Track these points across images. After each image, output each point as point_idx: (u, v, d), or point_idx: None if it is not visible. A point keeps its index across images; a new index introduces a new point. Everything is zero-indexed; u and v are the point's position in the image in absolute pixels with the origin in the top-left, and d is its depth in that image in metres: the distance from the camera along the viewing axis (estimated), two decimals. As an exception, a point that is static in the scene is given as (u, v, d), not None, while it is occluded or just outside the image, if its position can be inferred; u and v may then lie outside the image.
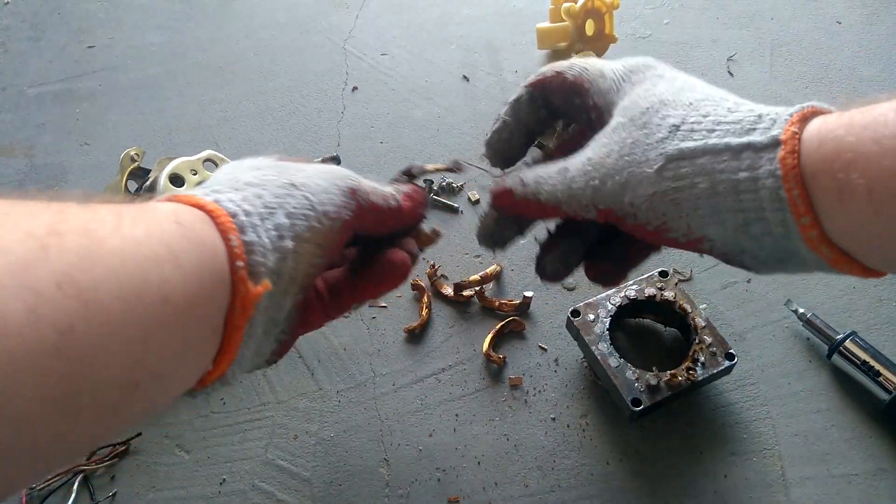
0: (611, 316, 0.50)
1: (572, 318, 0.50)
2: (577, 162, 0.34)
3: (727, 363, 0.47)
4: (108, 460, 0.49)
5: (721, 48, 0.77)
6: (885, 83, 0.71)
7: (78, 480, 0.48)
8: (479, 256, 0.60)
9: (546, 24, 0.74)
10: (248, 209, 0.29)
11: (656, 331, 0.54)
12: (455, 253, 0.60)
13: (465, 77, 0.76)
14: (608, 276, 0.39)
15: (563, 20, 0.72)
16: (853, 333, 0.49)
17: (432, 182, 0.65)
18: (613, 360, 0.48)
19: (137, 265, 0.23)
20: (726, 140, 0.29)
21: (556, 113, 0.39)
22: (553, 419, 0.50)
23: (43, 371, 0.20)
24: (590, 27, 0.72)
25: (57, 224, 0.22)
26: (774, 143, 0.28)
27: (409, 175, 0.41)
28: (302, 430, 0.50)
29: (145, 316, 0.23)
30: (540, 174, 0.36)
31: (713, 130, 0.30)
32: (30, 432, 0.20)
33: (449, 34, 0.81)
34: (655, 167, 0.31)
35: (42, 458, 0.22)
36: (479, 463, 0.48)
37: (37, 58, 0.83)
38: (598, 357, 0.48)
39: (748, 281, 0.56)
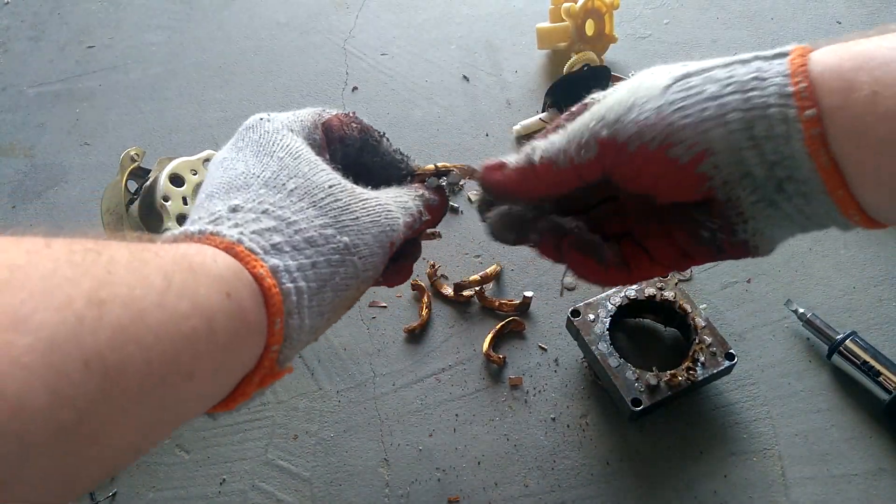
0: (611, 316, 0.50)
1: (572, 318, 0.50)
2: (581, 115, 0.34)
3: (727, 363, 0.47)
4: (108, 460, 0.49)
5: (721, 48, 0.77)
6: (885, 83, 0.71)
7: (78, 480, 0.48)
8: (479, 256, 0.60)
9: (546, 24, 0.74)
10: (302, 287, 0.29)
11: (656, 331, 0.54)
12: (455, 253, 0.60)
13: (465, 77, 0.76)
14: (586, 250, 0.36)
15: (563, 20, 0.72)
16: (853, 333, 0.49)
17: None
18: (613, 360, 0.48)
19: (172, 344, 0.23)
20: (737, 57, 0.30)
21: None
22: (553, 419, 0.50)
23: (54, 453, 0.20)
24: (590, 27, 0.72)
25: (100, 290, 0.21)
26: (784, 53, 0.28)
27: (438, 174, 0.40)
28: (302, 430, 0.50)
29: (167, 395, 0.24)
30: (538, 141, 0.35)
31: (724, 58, 0.30)
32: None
33: (449, 34, 0.81)
34: (663, 86, 0.30)
35: None
36: (479, 463, 0.48)
37: (37, 58, 0.83)
38: (598, 357, 0.48)
39: (748, 281, 0.56)
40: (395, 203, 0.36)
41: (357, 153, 0.40)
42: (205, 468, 0.49)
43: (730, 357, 0.48)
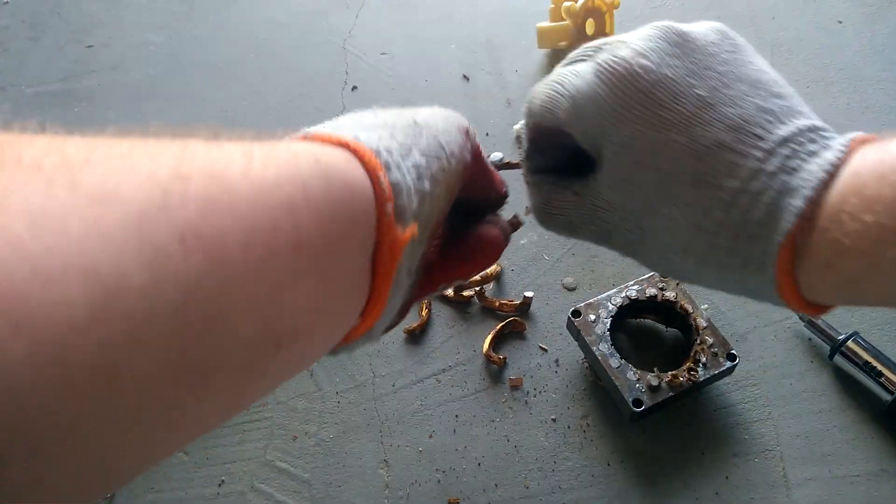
0: (612, 316, 0.50)
1: (573, 319, 0.50)
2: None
3: (729, 364, 0.47)
4: (106, 461, 0.48)
5: (722, 48, 0.76)
6: (886, 83, 0.71)
7: (76, 481, 0.47)
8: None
9: (546, 24, 0.74)
10: (389, 146, 0.27)
11: (657, 331, 0.53)
12: (455, 253, 0.60)
13: (465, 77, 0.76)
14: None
15: (563, 19, 0.72)
16: (855, 334, 0.49)
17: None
18: (614, 361, 0.47)
19: (268, 212, 0.21)
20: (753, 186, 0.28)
21: None
22: (554, 420, 0.50)
23: (167, 334, 0.18)
24: (590, 26, 0.72)
25: (181, 166, 0.19)
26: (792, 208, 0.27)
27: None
28: (301, 430, 0.50)
29: (277, 268, 0.21)
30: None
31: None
32: (155, 403, 0.18)
33: (449, 34, 0.81)
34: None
35: (172, 433, 0.20)
36: (479, 464, 0.48)
37: (36, 57, 0.83)
38: (599, 358, 0.48)
39: (749, 281, 0.56)
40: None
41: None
42: (203, 469, 0.48)
43: (731, 358, 0.47)
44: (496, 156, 0.38)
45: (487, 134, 0.69)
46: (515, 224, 0.39)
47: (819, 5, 0.81)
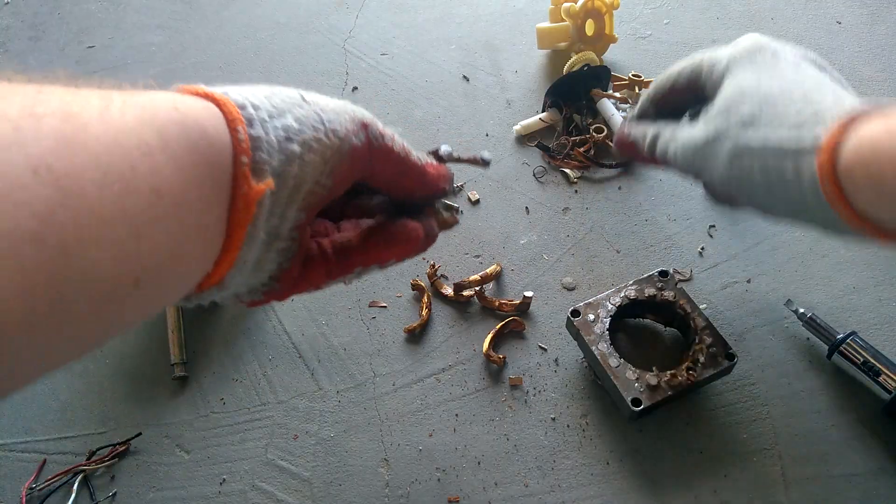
0: (611, 316, 0.50)
1: (572, 318, 0.50)
2: (686, 135, 0.42)
3: (727, 363, 0.47)
4: (108, 460, 0.49)
5: (721, 48, 0.77)
6: (885, 83, 0.71)
7: (78, 480, 0.48)
8: (479, 256, 0.60)
9: (546, 24, 0.74)
10: (257, 104, 0.28)
11: (656, 331, 0.54)
12: (455, 253, 0.60)
13: (465, 77, 0.76)
14: None
15: (562, 20, 0.72)
16: (853, 333, 0.49)
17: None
18: (613, 360, 0.48)
19: (124, 154, 0.21)
20: (778, 138, 0.35)
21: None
22: (553, 419, 0.50)
23: (23, 259, 0.18)
24: (590, 27, 0.72)
25: (34, 107, 0.20)
26: (816, 149, 0.33)
27: (436, 157, 0.39)
28: (302, 430, 0.50)
29: (135, 207, 0.22)
30: (676, 132, 0.43)
31: (773, 124, 0.36)
32: (15, 326, 0.19)
33: (449, 34, 0.81)
34: (725, 160, 0.38)
35: (31, 361, 0.21)
36: (479, 463, 0.48)
37: (37, 58, 0.83)
38: (598, 357, 0.48)
39: (748, 281, 0.56)
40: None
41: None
42: (205, 468, 0.49)
43: (730, 357, 0.48)
44: (445, 148, 0.39)
45: (487, 134, 0.70)
46: (444, 222, 0.40)
47: (818, 5, 0.81)
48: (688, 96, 0.45)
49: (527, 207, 0.63)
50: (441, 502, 0.46)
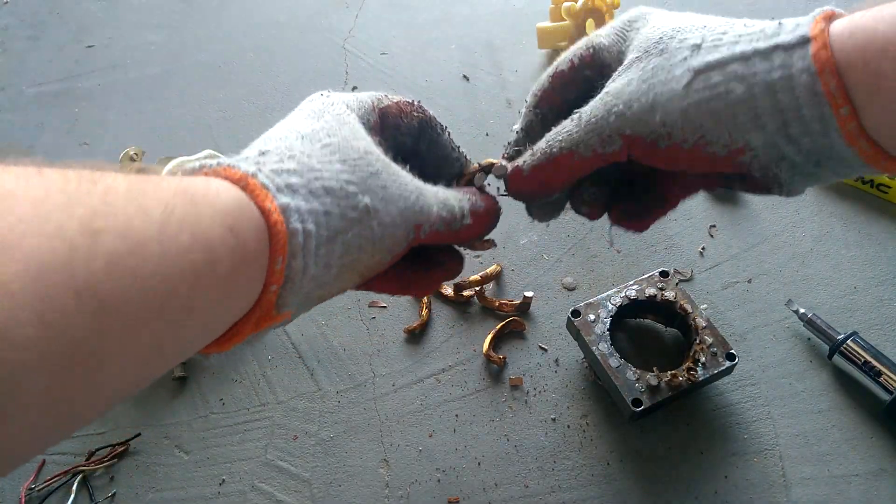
0: (611, 316, 0.50)
1: (573, 319, 0.50)
2: (591, 103, 0.33)
3: (728, 363, 0.47)
4: (107, 461, 0.48)
5: (721, 48, 0.76)
6: (885, 83, 0.71)
7: (77, 481, 0.48)
8: (478, 256, 0.60)
9: (546, 24, 0.74)
10: (310, 230, 0.28)
11: (657, 331, 0.54)
12: (455, 253, 0.60)
13: (465, 77, 0.76)
14: (632, 215, 0.36)
15: (563, 19, 0.72)
16: (854, 333, 0.49)
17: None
18: (614, 361, 0.47)
19: (171, 278, 0.22)
20: (753, 45, 0.29)
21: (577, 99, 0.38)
22: (553, 420, 0.50)
23: (48, 383, 0.19)
24: (590, 26, 0.72)
25: (94, 220, 0.20)
26: (804, 41, 0.28)
27: (483, 170, 0.38)
28: (301, 430, 0.50)
29: (165, 329, 0.23)
30: (548, 135, 0.35)
31: (737, 42, 0.30)
32: (30, 443, 0.20)
33: (449, 34, 0.81)
34: (684, 82, 0.30)
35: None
36: (479, 463, 0.48)
37: (36, 57, 0.83)
38: (599, 357, 0.48)
39: (749, 281, 0.56)
40: (434, 193, 0.35)
41: (414, 143, 0.39)
42: (204, 469, 0.49)
43: (731, 357, 0.47)
44: (498, 168, 0.38)
45: (487, 134, 0.69)
46: (481, 247, 0.39)
47: (819, 5, 0.81)
48: (580, 86, 0.37)
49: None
50: (441, 503, 0.46)
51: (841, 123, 0.27)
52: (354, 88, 0.75)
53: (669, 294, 0.51)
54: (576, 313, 0.50)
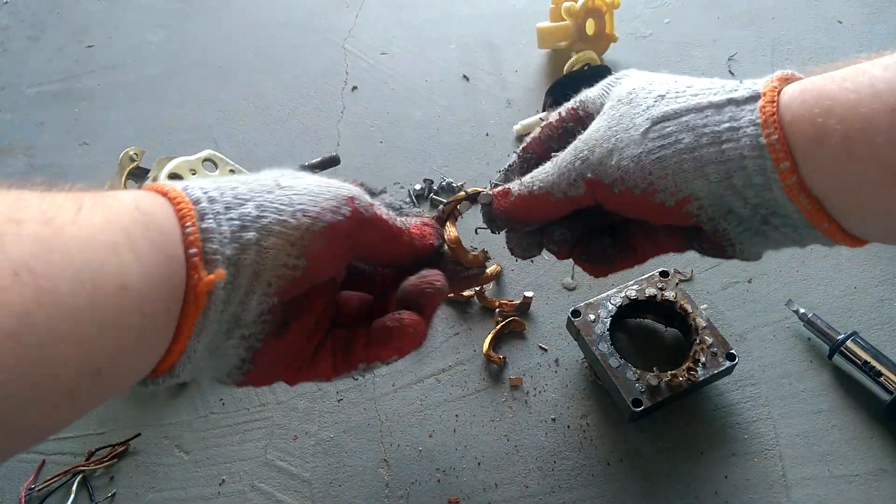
0: (611, 316, 0.50)
1: (573, 319, 0.50)
2: (567, 148, 0.35)
3: (728, 363, 0.47)
4: (107, 461, 0.48)
5: (722, 47, 0.76)
6: (885, 83, 0.71)
7: (77, 481, 0.48)
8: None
9: (546, 24, 0.74)
10: (215, 196, 0.29)
11: (657, 331, 0.54)
12: (455, 253, 0.60)
13: (465, 77, 0.76)
14: (592, 258, 0.38)
15: (563, 19, 0.72)
16: (854, 334, 0.49)
17: (432, 182, 0.65)
18: (614, 361, 0.47)
19: (95, 253, 0.24)
20: (709, 99, 0.30)
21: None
22: (553, 420, 0.50)
23: (3, 354, 0.20)
24: (590, 26, 0.72)
25: (14, 212, 0.22)
26: (755, 96, 0.29)
27: (472, 199, 0.40)
28: (301, 430, 0.50)
29: (103, 303, 0.23)
30: (531, 172, 0.37)
31: (696, 95, 0.31)
32: None
33: (449, 34, 0.81)
34: (642, 130, 0.31)
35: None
36: (479, 464, 0.48)
37: (36, 57, 0.83)
38: (599, 357, 0.48)
39: (749, 281, 0.56)
40: (378, 199, 0.36)
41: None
42: (204, 469, 0.49)
43: (731, 357, 0.47)
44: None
45: (487, 134, 0.69)
46: (475, 261, 0.40)
47: (819, 5, 0.81)
48: (567, 137, 0.38)
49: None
50: (441, 503, 0.46)
51: (781, 177, 0.28)
52: (354, 88, 0.75)
53: (669, 294, 0.51)
54: (576, 313, 0.50)
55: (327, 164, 0.50)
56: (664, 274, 0.52)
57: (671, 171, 0.30)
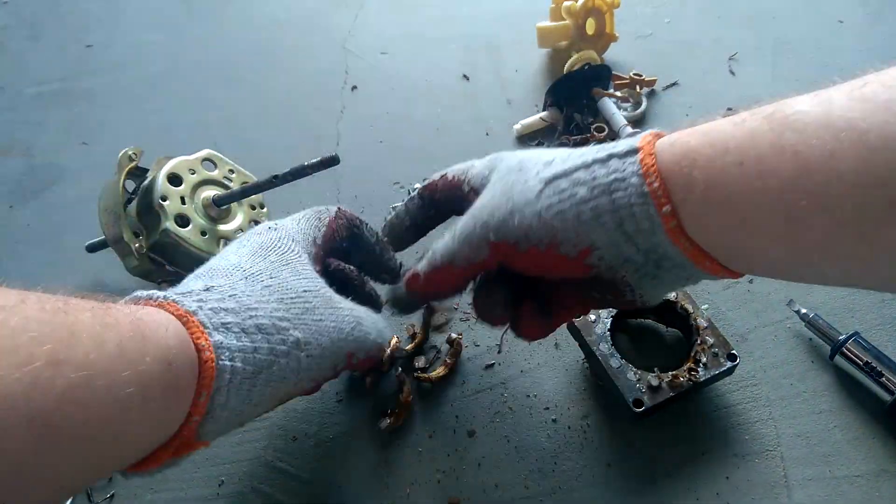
0: (612, 316, 0.50)
1: (573, 319, 0.50)
2: (462, 218, 0.38)
3: (729, 364, 0.47)
4: (105, 462, 0.48)
5: (722, 47, 0.76)
6: (887, 82, 0.71)
7: (75, 482, 0.47)
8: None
9: (546, 23, 0.74)
10: (238, 367, 0.32)
11: (657, 331, 0.53)
12: (455, 253, 0.60)
13: (465, 77, 0.76)
14: (528, 324, 0.41)
15: (563, 19, 0.72)
16: (856, 334, 0.49)
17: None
18: (615, 361, 0.47)
19: (109, 409, 0.26)
20: (593, 156, 0.33)
21: (442, 210, 0.45)
22: (554, 420, 0.50)
23: None
24: (590, 26, 0.72)
25: (59, 352, 0.24)
26: (634, 150, 0.32)
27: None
28: (301, 431, 0.50)
29: (92, 453, 0.26)
30: (433, 246, 0.40)
31: (581, 155, 0.34)
32: None
33: (449, 34, 0.81)
34: (537, 190, 0.34)
35: None
36: (479, 464, 0.48)
37: (35, 57, 0.83)
38: (600, 358, 0.47)
39: (750, 281, 0.56)
40: (374, 322, 0.41)
41: (348, 247, 0.46)
42: (203, 470, 0.48)
43: (732, 358, 0.47)
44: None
45: (487, 134, 0.69)
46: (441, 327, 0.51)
47: (819, 5, 0.80)
48: (448, 205, 0.43)
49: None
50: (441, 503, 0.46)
51: (664, 221, 0.30)
52: (354, 88, 0.75)
53: (671, 294, 0.50)
54: None
55: (327, 164, 0.51)
56: None
57: (571, 222, 0.33)
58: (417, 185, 0.47)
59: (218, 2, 0.88)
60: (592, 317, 0.50)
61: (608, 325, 0.49)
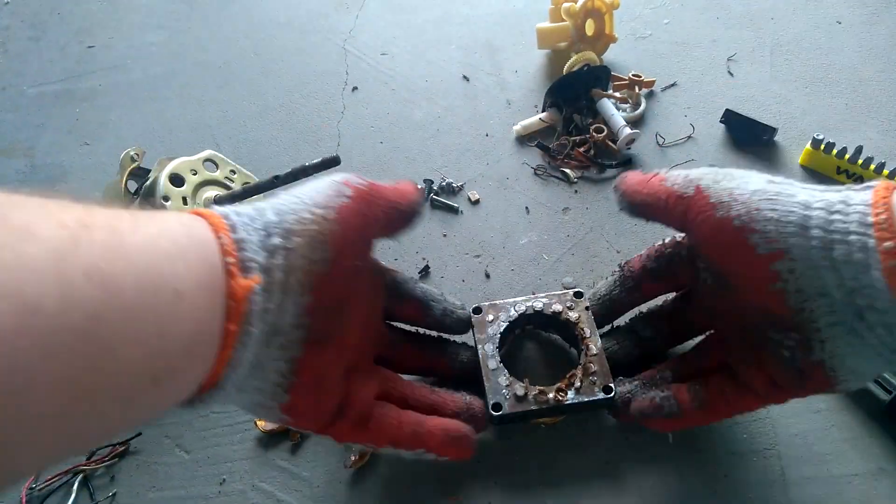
0: (509, 321, 0.49)
1: (472, 315, 0.49)
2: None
3: (602, 395, 0.45)
4: (107, 460, 0.49)
5: (721, 48, 0.77)
6: (885, 83, 0.71)
7: (78, 481, 0.48)
8: (478, 256, 0.60)
9: (546, 24, 0.74)
10: (241, 211, 0.32)
11: (565, 348, 0.52)
12: (455, 253, 0.60)
13: (465, 77, 0.76)
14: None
15: (563, 20, 0.72)
16: (853, 333, 0.49)
17: (432, 182, 0.65)
18: (492, 363, 0.47)
19: (154, 260, 0.25)
20: (831, 187, 0.32)
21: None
22: (553, 419, 0.50)
23: (72, 353, 0.21)
24: (590, 27, 0.72)
25: (86, 218, 0.24)
26: (870, 186, 0.30)
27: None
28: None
29: (162, 309, 0.25)
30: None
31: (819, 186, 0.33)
32: (55, 412, 0.21)
33: (449, 34, 0.81)
34: (768, 178, 0.34)
35: (55, 446, 0.23)
36: (478, 463, 0.48)
37: (37, 58, 0.83)
38: (480, 356, 0.47)
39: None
40: None
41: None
42: (205, 468, 0.49)
43: (607, 390, 0.46)
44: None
45: (487, 134, 0.70)
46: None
47: (818, 6, 0.81)
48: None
49: (527, 207, 0.63)
50: (440, 503, 0.46)
51: (883, 258, 0.27)
52: (355, 89, 0.75)
53: (573, 315, 0.49)
54: (477, 310, 0.49)
55: (327, 165, 0.51)
56: (578, 295, 0.50)
57: (777, 214, 0.31)
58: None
59: (219, 3, 0.88)
60: (491, 317, 0.49)
61: (501, 329, 0.48)
